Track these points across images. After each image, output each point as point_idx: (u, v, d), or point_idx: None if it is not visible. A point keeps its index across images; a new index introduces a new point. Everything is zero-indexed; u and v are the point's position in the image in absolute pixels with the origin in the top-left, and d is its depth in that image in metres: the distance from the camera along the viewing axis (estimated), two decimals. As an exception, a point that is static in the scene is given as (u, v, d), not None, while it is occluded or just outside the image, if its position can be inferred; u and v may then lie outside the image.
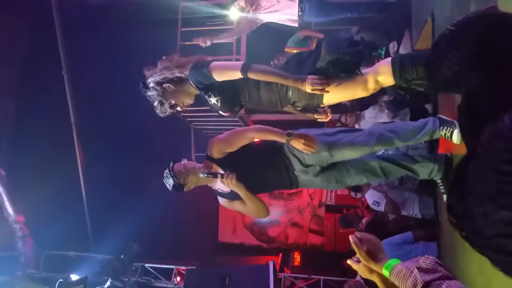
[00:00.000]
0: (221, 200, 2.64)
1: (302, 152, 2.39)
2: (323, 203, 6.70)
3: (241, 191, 2.39)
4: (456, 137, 2.41)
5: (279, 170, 2.51)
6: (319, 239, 6.73)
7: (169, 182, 2.41)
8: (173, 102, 2.42)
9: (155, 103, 2.43)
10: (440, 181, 2.67)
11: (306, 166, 2.49)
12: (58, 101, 5.38)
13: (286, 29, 4.43)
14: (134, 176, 5.62)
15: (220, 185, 2.49)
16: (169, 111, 2.47)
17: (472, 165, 0.45)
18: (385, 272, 1.15)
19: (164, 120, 3.19)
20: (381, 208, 3.97)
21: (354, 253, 1.27)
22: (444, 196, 2.71)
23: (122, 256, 4.92)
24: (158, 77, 2.37)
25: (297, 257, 6.42)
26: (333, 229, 6.51)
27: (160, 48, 2.71)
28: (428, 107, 3.87)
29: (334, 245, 6.52)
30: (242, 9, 4.18)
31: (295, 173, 2.52)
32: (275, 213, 6.99)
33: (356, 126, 4.49)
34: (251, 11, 4.16)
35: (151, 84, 2.38)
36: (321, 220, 6.74)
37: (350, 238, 1.25)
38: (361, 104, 4.51)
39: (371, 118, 4.56)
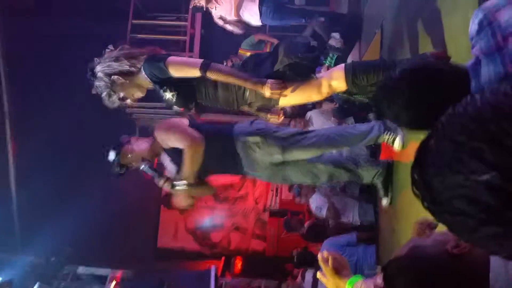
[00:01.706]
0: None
1: (257, 148, 2.46)
2: (268, 208, 6.73)
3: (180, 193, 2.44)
4: (397, 143, 2.53)
5: (230, 153, 2.55)
6: (261, 244, 6.73)
7: (113, 162, 2.43)
8: (122, 94, 2.32)
9: (103, 94, 2.32)
10: (380, 185, 2.78)
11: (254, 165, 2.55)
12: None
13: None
14: (71, 174, 5.33)
15: (164, 160, 2.55)
16: (117, 103, 2.37)
17: (432, 141, 0.50)
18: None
19: (107, 116, 3.06)
20: (323, 213, 4.06)
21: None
22: (383, 200, 2.81)
23: (52, 259, 4.65)
24: (106, 68, 2.26)
25: (238, 263, 6.38)
26: (276, 234, 6.54)
27: (108, 38, 2.59)
28: (371, 116, 4.03)
29: (276, 250, 6.55)
30: (202, 7, 4.15)
31: (244, 169, 2.59)
32: (219, 217, 6.91)
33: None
34: (211, 9, 4.13)
35: (99, 74, 2.27)
36: (265, 224, 6.75)
37: (319, 255, 1.39)
38: (302, 110, 4.61)
39: (319, 126, 4.67)
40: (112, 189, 5.47)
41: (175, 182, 2.41)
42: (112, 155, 2.40)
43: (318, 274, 1.38)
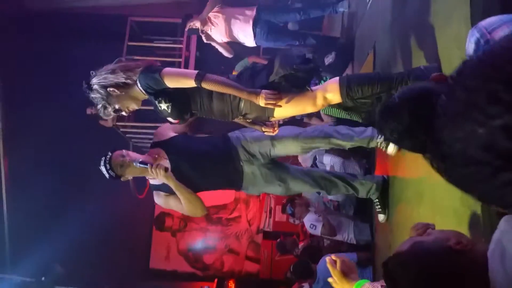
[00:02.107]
0: (157, 196, 2.63)
1: (248, 142, 2.53)
2: (261, 229, 6.67)
3: (171, 183, 2.42)
4: (391, 148, 2.57)
5: (228, 160, 2.60)
6: (255, 267, 6.65)
7: (104, 171, 2.42)
8: (117, 106, 2.34)
9: (99, 106, 2.34)
10: (377, 200, 2.80)
11: (251, 155, 2.60)
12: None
13: (235, 52, 4.52)
14: (64, 194, 5.26)
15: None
16: (112, 115, 2.41)
17: (443, 96, 0.48)
18: None
19: (102, 135, 3.06)
20: (318, 231, 4.03)
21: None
22: (379, 216, 2.83)
23: (43, 279, 4.53)
24: (102, 80, 2.29)
25: (231, 286, 6.27)
26: (270, 256, 6.48)
27: (104, 59, 2.63)
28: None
29: (270, 272, 6.46)
30: (198, 29, 4.23)
31: (241, 163, 2.62)
32: (211, 239, 6.84)
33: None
34: (206, 31, 4.23)
35: (95, 86, 2.29)
36: (258, 246, 6.69)
37: (327, 258, 1.41)
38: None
39: (330, 166, 4.70)
40: (105, 209, 5.41)
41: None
42: (102, 159, 2.43)
43: (330, 279, 1.40)
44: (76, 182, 5.40)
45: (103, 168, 2.42)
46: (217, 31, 4.27)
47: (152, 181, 2.63)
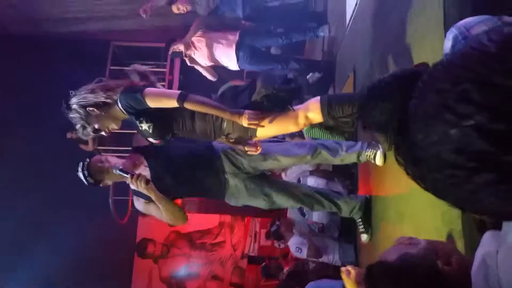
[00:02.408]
0: (137, 202, 2.57)
1: (237, 154, 2.53)
2: (246, 254, 6.56)
3: (152, 194, 2.37)
4: (378, 158, 2.59)
5: (210, 170, 2.57)
6: (239, 293, 6.52)
7: (81, 177, 2.37)
8: (96, 126, 2.31)
9: (77, 126, 2.31)
10: (359, 220, 2.80)
11: (237, 167, 2.58)
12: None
13: (219, 75, 4.55)
14: (43, 218, 5.13)
15: (143, 172, 2.46)
16: (92, 135, 2.38)
17: (412, 102, 0.47)
18: None
19: (83, 159, 3.02)
20: (304, 254, 3.99)
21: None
22: (362, 236, 2.82)
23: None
24: (82, 100, 2.26)
25: (215, 314, 6.12)
26: (255, 281, 6.35)
27: (85, 83, 2.63)
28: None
29: (255, 298, 6.33)
30: (181, 53, 4.27)
31: (226, 176, 2.59)
32: (195, 265, 6.69)
33: (282, 174, 4.57)
34: (189, 55, 4.27)
35: (74, 106, 2.26)
36: (243, 272, 6.56)
37: (341, 269, 1.48)
38: None
39: (297, 168, 4.71)
40: (84, 235, 5.27)
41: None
42: (80, 165, 2.38)
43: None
44: (55, 208, 5.27)
45: (80, 174, 2.37)
46: (200, 55, 4.31)
47: (132, 186, 2.56)
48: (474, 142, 0.40)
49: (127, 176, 2.32)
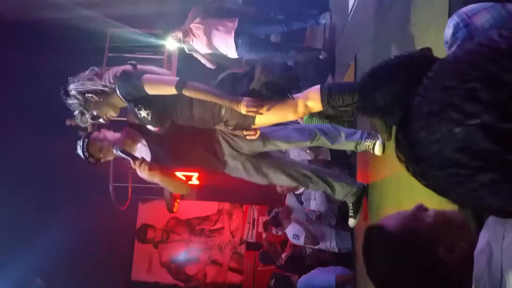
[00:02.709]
0: (140, 171, 2.57)
1: (236, 139, 2.53)
2: (244, 240, 6.63)
3: (156, 179, 2.39)
4: (377, 148, 2.60)
5: (208, 150, 2.58)
6: (238, 278, 6.59)
7: (81, 156, 2.38)
8: (95, 113, 2.31)
9: (76, 113, 2.32)
10: (351, 204, 2.81)
11: (236, 150, 2.60)
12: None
13: (218, 63, 4.53)
14: (43, 205, 5.15)
15: (140, 151, 2.48)
16: (90, 122, 2.37)
17: (418, 97, 0.46)
18: None
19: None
20: (301, 241, 4.05)
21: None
22: (350, 220, 2.86)
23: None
24: (80, 86, 2.27)
25: (214, 298, 6.21)
26: (253, 267, 6.43)
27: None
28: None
29: (253, 283, 6.42)
30: (180, 40, 4.23)
31: (224, 157, 2.61)
32: (195, 250, 6.76)
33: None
34: (188, 42, 4.23)
35: (73, 92, 2.27)
36: (241, 257, 6.63)
37: None
38: None
39: (296, 157, 4.73)
40: (85, 221, 5.31)
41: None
42: (79, 144, 2.38)
43: None
44: (55, 195, 5.29)
45: (80, 153, 2.38)
46: (198, 42, 4.27)
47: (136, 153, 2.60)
48: (479, 141, 0.39)
49: (128, 159, 2.33)
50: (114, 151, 2.36)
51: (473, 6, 1.07)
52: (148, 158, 2.45)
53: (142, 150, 2.51)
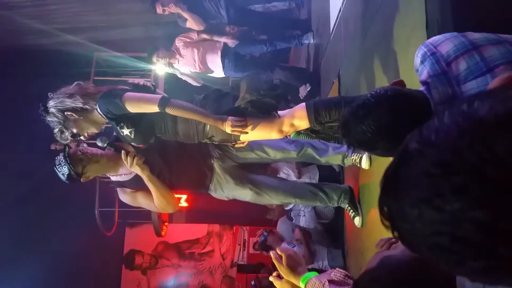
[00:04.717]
0: (122, 193, 2.48)
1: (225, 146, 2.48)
2: (235, 263, 6.52)
3: (145, 174, 2.30)
4: (364, 162, 2.59)
5: (196, 155, 2.51)
6: (229, 302, 6.47)
7: (63, 171, 2.23)
8: (75, 131, 2.25)
9: (55, 130, 2.25)
10: (347, 205, 2.78)
11: (224, 153, 2.55)
12: None
13: (205, 83, 4.55)
14: (25, 231, 5.01)
15: (123, 171, 2.38)
16: (70, 139, 2.29)
17: (402, 171, 0.45)
18: (302, 285, 1.19)
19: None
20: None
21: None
22: (356, 220, 2.80)
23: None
24: (59, 104, 2.20)
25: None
26: (244, 290, 6.31)
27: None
28: (335, 166, 4.12)
29: (245, 307, 6.28)
30: (166, 62, 4.26)
31: (212, 161, 2.54)
32: (184, 275, 6.62)
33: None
34: (173, 64, 4.25)
35: (52, 110, 2.20)
36: (232, 281, 6.51)
37: (271, 254, 1.28)
38: None
39: (286, 175, 4.71)
40: (71, 248, 5.17)
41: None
42: (58, 159, 2.26)
43: (271, 278, 1.28)
44: (38, 221, 5.16)
45: (63, 168, 2.23)
46: (184, 63, 4.30)
47: (114, 178, 2.49)
48: (472, 234, 0.40)
49: (118, 152, 2.24)
50: (100, 143, 2.27)
51: (437, 37, 1.18)
52: (126, 174, 2.40)
53: (125, 167, 2.42)
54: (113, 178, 2.52)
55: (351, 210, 2.78)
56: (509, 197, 0.38)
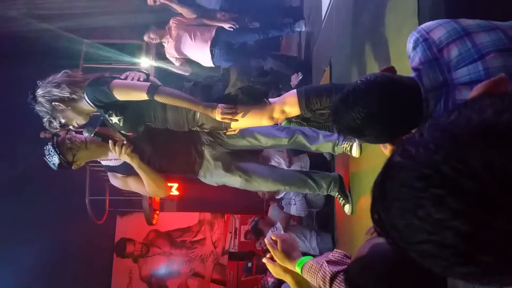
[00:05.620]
0: (113, 178, 2.48)
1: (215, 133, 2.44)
2: (226, 251, 6.56)
3: (134, 162, 2.30)
4: (354, 150, 2.59)
5: (186, 140, 2.49)
6: (221, 289, 6.52)
7: (53, 161, 2.22)
8: (63, 121, 2.22)
9: (44, 120, 2.22)
10: (337, 193, 2.79)
11: (215, 139, 2.53)
12: None
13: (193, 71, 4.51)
14: (16, 217, 4.98)
15: (113, 156, 2.36)
16: (58, 129, 2.27)
17: (388, 184, 0.48)
18: (298, 269, 1.17)
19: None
20: (280, 230, 4.05)
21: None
22: (345, 207, 2.82)
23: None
24: (46, 94, 2.16)
25: (197, 311, 6.10)
26: (236, 277, 6.35)
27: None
28: (326, 154, 4.14)
29: (236, 294, 6.34)
30: (152, 40, 4.24)
31: (202, 147, 2.53)
32: (176, 264, 6.64)
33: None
34: (164, 43, 4.23)
35: (40, 99, 2.17)
36: (224, 268, 6.55)
37: (266, 240, 1.26)
38: None
39: (277, 163, 4.73)
40: (61, 236, 5.15)
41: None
42: (47, 148, 2.24)
43: (265, 259, 1.27)
44: (29, 210, 5.12)
45: (54, 158, 2.22)
46: (171, 46, 4.25)
47: (105, 162, 2.47)
48: (454, 243, 0.42)
49: (105, 141, 2.22)
50: (87, 134, 2.25)
51: (430, 23, 1.17)
52: (122, 161, 2.37)
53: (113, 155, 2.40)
54: (104, 163, 2.50)
55: (341, 198, 2.78)
56: (485, 208, 0.39)
